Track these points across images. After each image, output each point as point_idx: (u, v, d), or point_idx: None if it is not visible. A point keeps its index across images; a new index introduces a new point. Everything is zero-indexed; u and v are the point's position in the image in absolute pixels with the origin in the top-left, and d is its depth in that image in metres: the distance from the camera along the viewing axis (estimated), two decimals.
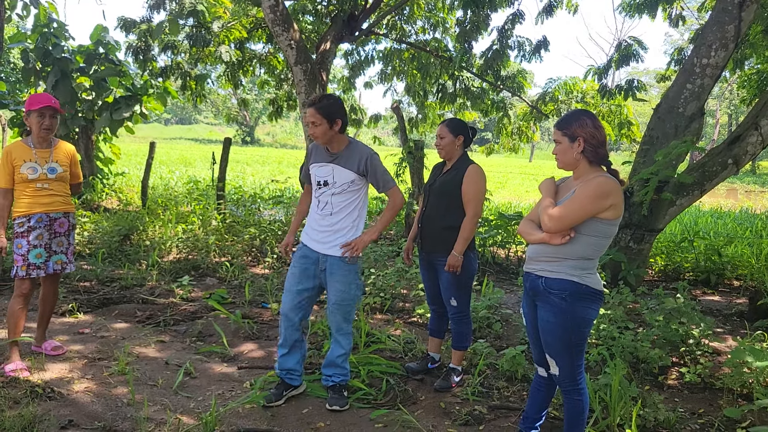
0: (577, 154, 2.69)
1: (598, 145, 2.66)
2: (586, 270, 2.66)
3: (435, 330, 4.06)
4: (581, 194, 2.61)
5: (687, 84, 6.12)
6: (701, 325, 4.37)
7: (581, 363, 2.81)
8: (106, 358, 4.08)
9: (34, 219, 3.84)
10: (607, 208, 2.58)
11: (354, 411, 3.51)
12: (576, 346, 2.73)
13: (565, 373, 2.78)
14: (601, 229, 2.62)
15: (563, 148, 2.72)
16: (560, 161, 2.76)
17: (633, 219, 6.30)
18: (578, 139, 2.67)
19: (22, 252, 3.82)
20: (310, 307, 3.62)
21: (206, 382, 3.81)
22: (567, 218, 2.61)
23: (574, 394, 2.81)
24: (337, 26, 9.75)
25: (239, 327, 4.75)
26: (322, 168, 3.49)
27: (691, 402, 3.76)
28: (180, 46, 10.28)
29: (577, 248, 2.64)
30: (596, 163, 2.70)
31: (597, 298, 2.72)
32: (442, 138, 3.69)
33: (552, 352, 2.78)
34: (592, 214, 2.59)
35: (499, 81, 11.54)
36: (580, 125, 2.67)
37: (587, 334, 2.76)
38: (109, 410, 3.32)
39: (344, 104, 3.50)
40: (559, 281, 2.67)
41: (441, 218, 3.65)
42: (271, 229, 7.64)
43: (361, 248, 3.45)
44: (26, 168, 3.81)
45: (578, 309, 2.66)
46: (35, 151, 3.87)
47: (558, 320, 2.69)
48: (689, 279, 7.30)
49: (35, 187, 3.84)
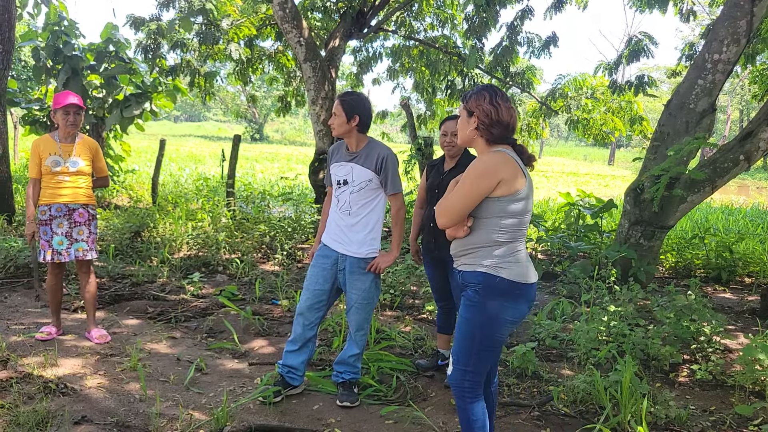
0: (471, 131, 2.49)
1: (492, 124, 2.43)
2: (502, 259, 2.40)
3: (443, 326, 4.07)
4: (462, 179, 2.44)
5: (698, 80, 6.08)
6: (713, 322, 4.35)
7: (476, 372, 2.50)
8: (118, 354, 4.11)
9: (54, 208, 4.13)
10: (496, 185, 2.36)
11: (364, 407, 3.52)
12: (479, 349, 2.46)
13: (455, 374, 2.52)
14: (498, 209, 2.39)
15: (461, 122, 2.55)
16: (458, 137, 2.60)
17: (644, 215, 6.27)
18: (474, 115, 2.48)
19: (47, 238, 4.14)
20: (327, 309, 3.63)
21: (217, 378, 3.83)
22: (453, 208, 2.43)
23: (460, 402, 2.56)
24: (346, 23, 9.75)
25: (250, 323, 4.78)
26: (341, 167, 3.51)
27: (702, 399, 3.74)
28: (189, 44, 10.31)
29: (482, 234, 2.43)
30: (494, 142, 2.48)
31: (516, 294, 2.41)
32: (455, 135, 3.68)
33: (455, 350, 2.53)
34: (480, 195, 2.38)
35: (509, 77, 11.51)
36: (476, 100, 2.47)
37: (497, 340, 2.46)
38: (122, 406, 3.35)
39: (370, 104, 3.49)
40: (473, 273, 2.45)
41: None
42: (281, 226, 7.66)
43: (384, 268, 3.49)
44: (50, 160, 4.09)
45: (489, 305, 2.41)
46: (60, 145, 4.15)
47: (468, 315, 2.47)
48: (700, 276, 7.27)
49: (57, 179, 4.12)
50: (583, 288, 5.63)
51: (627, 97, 10.78)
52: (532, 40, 10.63)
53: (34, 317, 4.71)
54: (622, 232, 6.50)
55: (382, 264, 3.49)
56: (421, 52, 11.95)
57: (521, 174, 2.42)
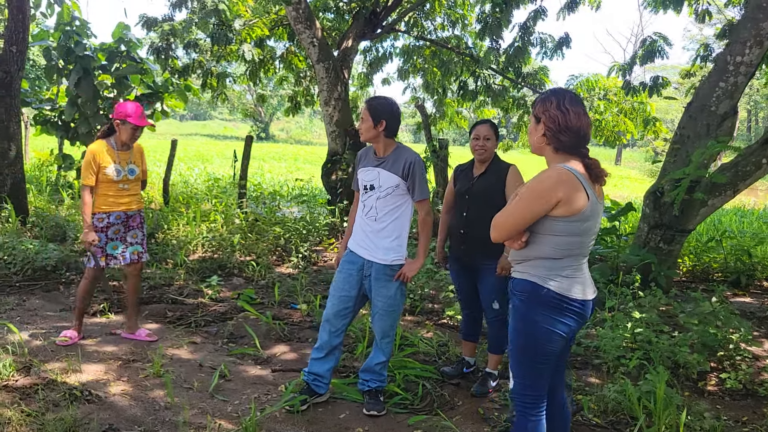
0: (539, 138, 2.37)
1: (560, 131, 2.29)
2: (553, 271, 2.32)
3: (469, 334, 4.02)
4: (520, 194, 2.32)
5: (720, 82, 6.01)
6: (741, 329, 4.29)
7: (535, 387, 2.41)
8: (140, 359, 4.08)
9: (113, 216, 4.19)
10: (555, 205, 2.24)
11: (391, 416, 3.47)
12: (530, 362, 2.39)
13: (516, 387, 2.46)
14: (556, 228, 2.28)
15: (530, 130, 2.42)
16: (530, 144, 2.45)
17: (663, 219, 6.21)
18: (541, 121, 2.35)
19: (100, 245, 4.17)
20: (354, 315, 3.59)
21: (241, 385, 3.79)
22: (505, 225, 2.35)
23: (520, 419, 2.46)
24: (359, 23, 9.70)
25: (270, 328, 4.74)
26: (368, 172, 3.46)
27: (733, 409, 3.69)
28: (202, 45, 10.28)
29: (538, 248, 2.34)
30: (563, 151, 2.34)
31: (563, 307, 2.32)
32: (488, 139, 3.63)
33: (510, 362, 2.49)
34: (535, 216, 2.28)
35: (521, 78, 11.44)
36: (542, 105, 2.35)
37: (548, 353, 2.36)
38: (148, 414, 3.31)
39: (398, 109, 3.45)
40: (521, 282, 2.39)
41: (487, 222, 3.57)
42: (296, 228, 7.62)
43: (411, 276, 3.45)
44: (111, 169, 4.10)
45: (537, 316, 2.32)
46: (118, 153, 4.16)
47: (515, 325, 2.41)
48: (718, 280, 7.19)
49: (118, 187, 4.16)
50: (606, 293, 5.56)
51: (641, 98, 10.69)
52: (545, 41, 10.56)
53: (54, 321, 4.69)
54: (641, 236, 6.44)
55: (409, 273, 3.44)
56: (433, 53, 11.89)
57: (584, 193, 2.27)
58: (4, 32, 7.96)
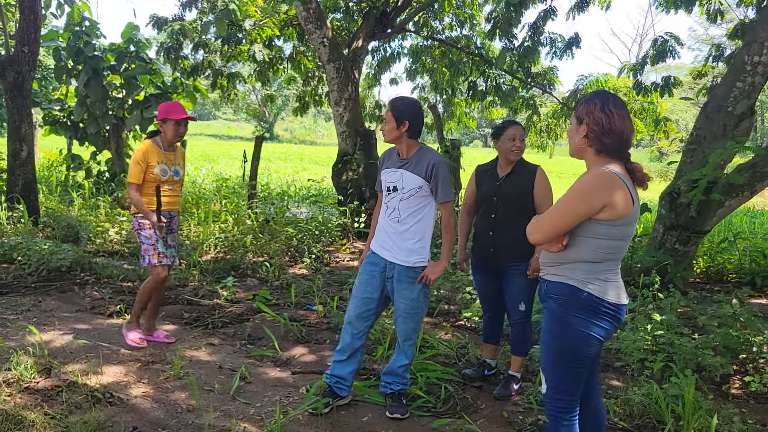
0: (581, 140, 2.33)
1: (604, 133, 2.27)
2: (592, 274, 2.29)
3: (491, 336, 3.99)
4: (564, 197, 2.29)
5: (737, 82, 5.97)
6: (764, 332, 4.25)
7: (569, 392, 2.38)
8: (158, 361, 4.05)
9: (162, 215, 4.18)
10: (600, 209, 2.22)
11: (415, 419, 3.45)
12: (565, 366, 2.35)
13: (549, 392, 2.42)
14: (599, 231, 2.26)
15: (571, 130, 2.40)
16: (570, 146, 2.42)
17: (679, 220, 6.17)
18: (584, 123, 2.33)
19: (152, 242, 4.16)
20: (376, 317, 3.56)
21: (262, 387, 3.77)
22: (547, 228, 2.31)
23: (552, 425, 2.43)
24: (370, 23, 9.68)
25: (288, 330, 4.72)
26: (392, 173, 3.43)
27: (759, 413, 3.65)
28: (212, 45, 10.27)
29: (577, 251, 2.31)
30: (605, 153, 2.31)
31: (601, 311, 2.29)
32: (522, 140, 3.61)
33: (543, 366, 2.45)
34: (579, 218, 2.25)
35: (530, 78, 11.41)
36: (586, 107, 2.32)
37: (584, 357, 2.33)
38: (171, 417, 3.29)
39: (421, 109, 3.43)
40: (558, 285, 2.35)
41: (516, 223, 3.54)
42: (308, 229, 7.60)
43: (434, 278, 3.41)
44: (159, 169, 4.13)
45: (574, 319, 2.29)
46: (165, 154, 4.19)
47: (550, 327, 2.38)
48: (733, 281, 7.15)
49: (164, 188, 4.17)
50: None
51: (652, 98, 10.65)
52: (555, 41, 10.52)
53: (71, 322, 4.67)
54: (656, 237, 6.40)
55: (432, 275, 3.41)
56: (442, 53, 11.86)
57: (628, 197, 2.24)
58: (16, 33, 7.96)
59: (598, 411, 2.59)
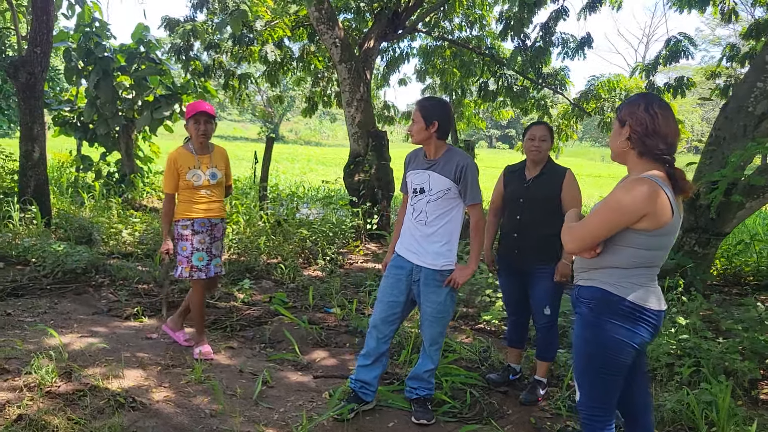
0: (623, 142, 2.27)
1: (647, 134, 2.20)
2: (626, 279, 2.24)
3: (516, 340, 3.93)
4: (603, 206, 2.24)
5: (757, 82, 5.89)
6: None
7: (604, 401, 2.33)
8: (179, 365, 4.01)
9: (198, 223, 4.00)
10: (639, 219, 2.16)
11: (441, 425, 3.40)
12: (596, 372, 2.30)
13: (582, 400, 2.37)
14: (638, 241, 2.20)
15: (613, 133, 2.34)
16: (611, 149, 2.36)
17: (699, 222, 6.09)
18: (627, 124, 2.26)
19: (186, 254, 4.00)
20: (401, 321, 3.52)
21: (284, 392, 3.72)
22: (584, 238, 2.26)
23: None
24: (381, 24, 9.63)
25: (307, 333, 4.67)
26: (418, 175, 3.38)
27: None
28: (223, 46, 10.23)
29: (613, 257, 2.26)
30: (648, 156, 2.24)
31: (635, 316, 2.22)
32: (543, 141, 3.55)
33: (575, 373, 2.40)
34: (617, 228, 2.20)
35: (541, 79, 11.34)
36: (629, 108, 2.26)
37: (616, 364, 2.26)
38: (195, 423, 3.24)
39: (450, 109, 3.38)
40: (590, 289, 2.31)
41: (542, 226, 3.50)
42: (322, 230, 7.55)
43: (462, 282, 3.34)
44: (191, 175, 3.95)
45: (606, 324, 2.24)
46: (197, 157, 4.00)
47: (582, 333, 2.33)
48: (751, 283, 7.07)
49: (200, 193, 3.99)
50: None
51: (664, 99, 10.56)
52: (567, 41, 10.45)
53: (88, 325, 4.63)
54: None
55: (460, 279, 3.34)
56: (453, 53, 11.80)
57: (669, 208, 2.17)
58: (28, 33, 7.93)
59: (647, 430, 2.49)
